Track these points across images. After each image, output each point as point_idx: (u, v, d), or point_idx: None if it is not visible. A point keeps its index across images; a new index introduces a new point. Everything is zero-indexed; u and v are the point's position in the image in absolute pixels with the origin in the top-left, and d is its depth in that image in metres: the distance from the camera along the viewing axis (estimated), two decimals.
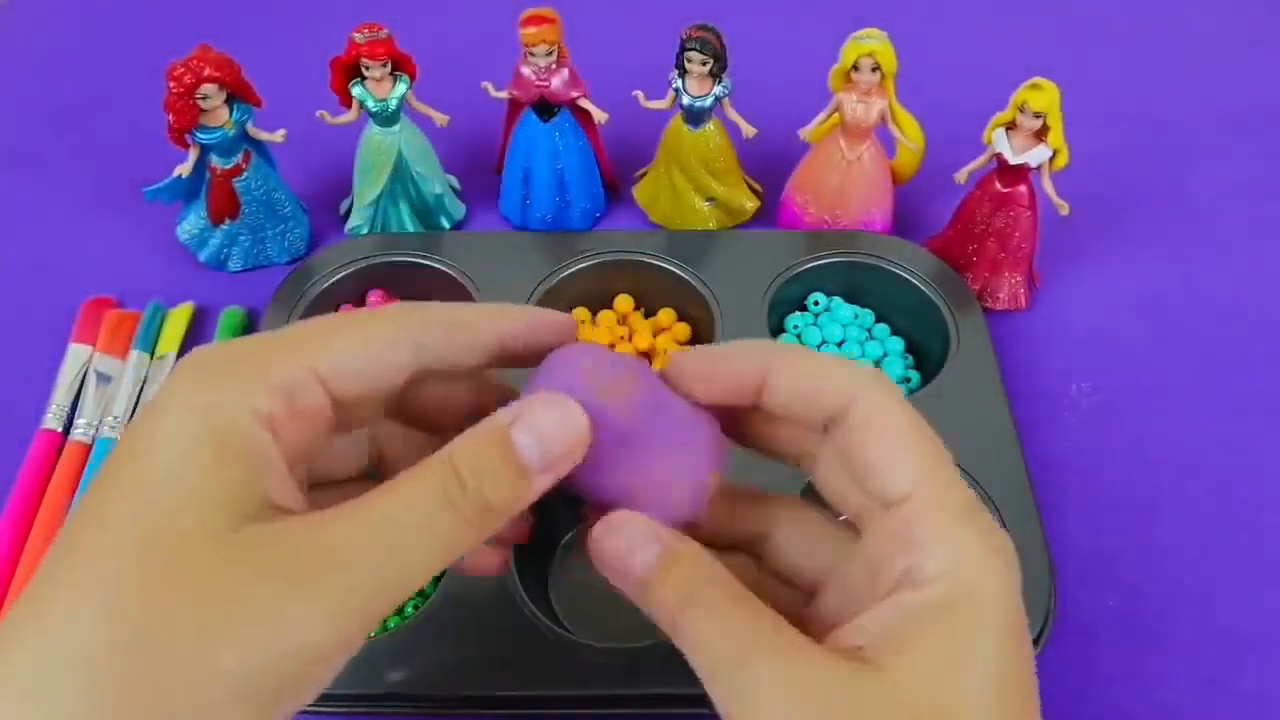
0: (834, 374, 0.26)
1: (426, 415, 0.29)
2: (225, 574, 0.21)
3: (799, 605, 0.27)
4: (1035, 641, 0.43)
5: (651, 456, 0.26)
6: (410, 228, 0.61)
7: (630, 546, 0.25)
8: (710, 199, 0.62)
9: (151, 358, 0.56)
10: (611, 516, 0.26)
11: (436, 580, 0.46)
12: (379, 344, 0.25)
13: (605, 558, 0.25)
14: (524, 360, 0.28)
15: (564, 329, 0.28)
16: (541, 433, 0.24)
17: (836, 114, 0.57)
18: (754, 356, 0.27)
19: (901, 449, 0.25)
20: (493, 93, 0.59)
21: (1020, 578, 0.24)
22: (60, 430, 0.52)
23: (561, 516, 0.50)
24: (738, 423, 0.28)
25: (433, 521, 0.22)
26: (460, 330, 0.26)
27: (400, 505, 0.23)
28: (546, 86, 0.57)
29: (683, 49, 0.55)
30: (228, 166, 0.57)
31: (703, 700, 0.43)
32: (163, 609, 0.20)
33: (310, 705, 0.44)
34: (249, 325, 0.58)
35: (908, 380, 0.55)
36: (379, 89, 0.57)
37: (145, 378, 0.55)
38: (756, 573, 0.29)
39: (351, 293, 0.57)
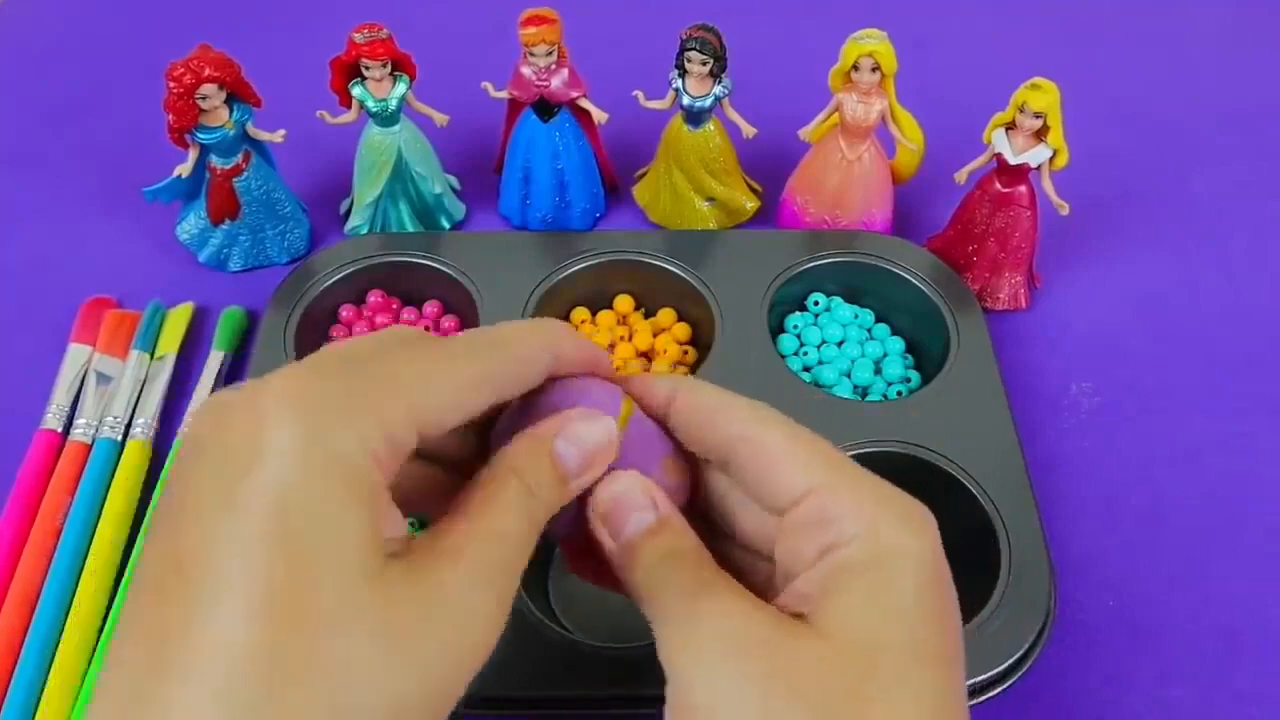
0: (730, 405, 0.29)
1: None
2: (384, 614, 0.21)
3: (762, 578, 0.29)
4: (1035, 641, 0.43)
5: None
6: (410, 228, 0.61)
7: (630, 504, 0.27)
8: (710, 199, 0.62)
9: (151, 358, 0.56)
10: (619, 473, 0.28)
11: None
12: (470, 387, 0.25)
13: (604, 508, 0.28)
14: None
15: (599, 360, 0.30)
16: (582, 444, 0.27)
17: (836, 114, 0.57)
18: (664, 385, 0.29)
19: (795, 453, 0.27)
20: (493, 93, 0.59)
21: (939, 537, 0.26)
22: (60, 430, 0.52)
23: (561, 517, 0.50)
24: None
25: (528, 531, 0.26)
26: (526, 365, 0.27)
27: (503, 519, 0.25)
28: (546, 86, 0.57)
29: (683, 49, 0.55)
30: (228, 166, 0.57)
31: None
32: (313, 643, 0.20)
33: None
34: (249, 325, 0.58)
35: (907, 380, 0.55)
36: (379, 89, 0.57)
37: (145, 378, 0.55)
38: (725, 544, 0.30)
39: (351, 293, 0.57)
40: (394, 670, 0.21)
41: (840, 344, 0.56)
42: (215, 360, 0.55)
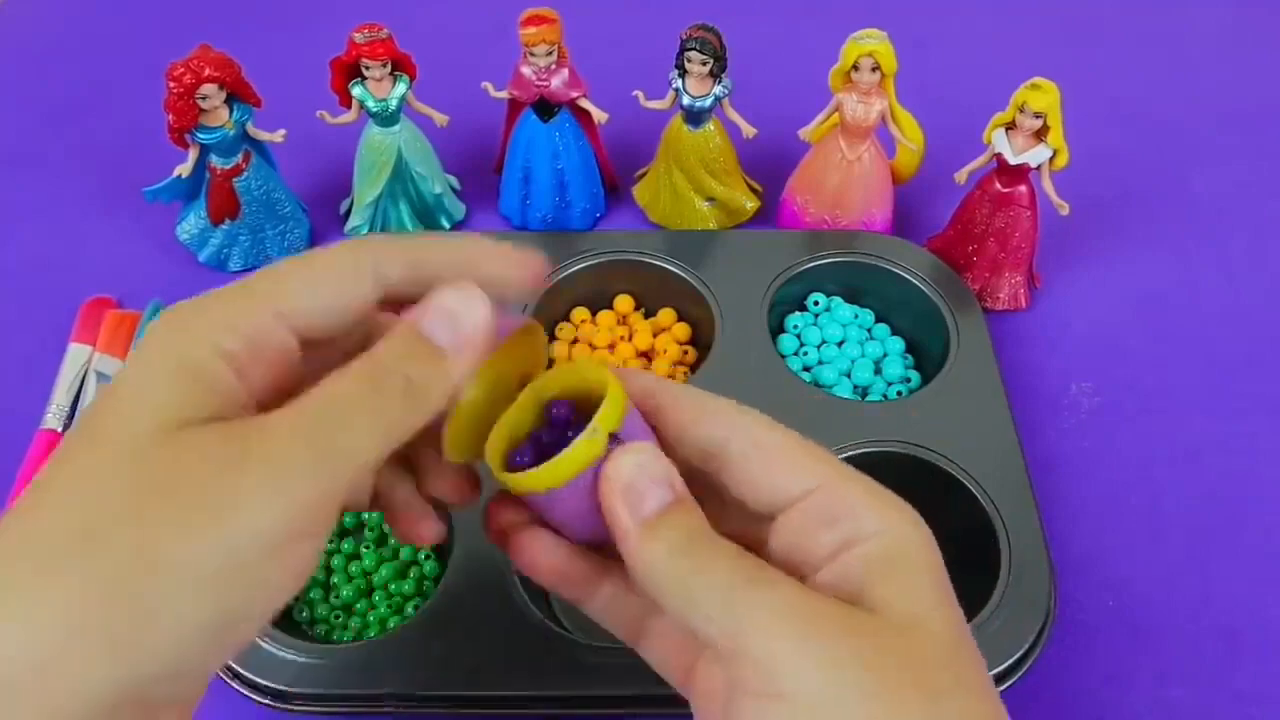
0: (717, 403, 0.28)
1: None
2: (170, 466, 0.22)
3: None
4: (1035, 641, 0.43)
5: None
6: (410, 228, 0.61)
7: (649, 483, 0.26)
8: (710, 199, 0.62)
9: None
10: (638, 443, 0.26)
11: (436, 580, 0.46)
12: (339, 278, 0.26)
13: (628, 477, 0.26)
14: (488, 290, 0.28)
15: (521, 265, 0.28)
16: (451, 314, 0.26)
17: (836, 114, 0.57)
18: (648, 380, 0.29)
19: (793, 453, 0.27)
20: (493, 93, 0.59)
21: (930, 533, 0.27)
22: (60, 430, 0.52)
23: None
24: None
25: (364, 401, 0.24)
26: (419, 266, 0.27)
27: (331, 392, 0.24)
28: (546, 86, 0.57)
29: (683, 49, 0.55)
30: (228, 166, 0.57)
31: None
32: (110, 503, 0.21)
33: (311, 706, 0.44)
34: None
35: (907, 380, 0.55)
36: (379, 89, 0.57)
37: None
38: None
39: None
40: (149, 528, 0.21)
41: (840, 344, 0.56)
42: None
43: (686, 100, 0.57)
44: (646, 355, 0.56)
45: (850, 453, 0.48)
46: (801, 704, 0.23)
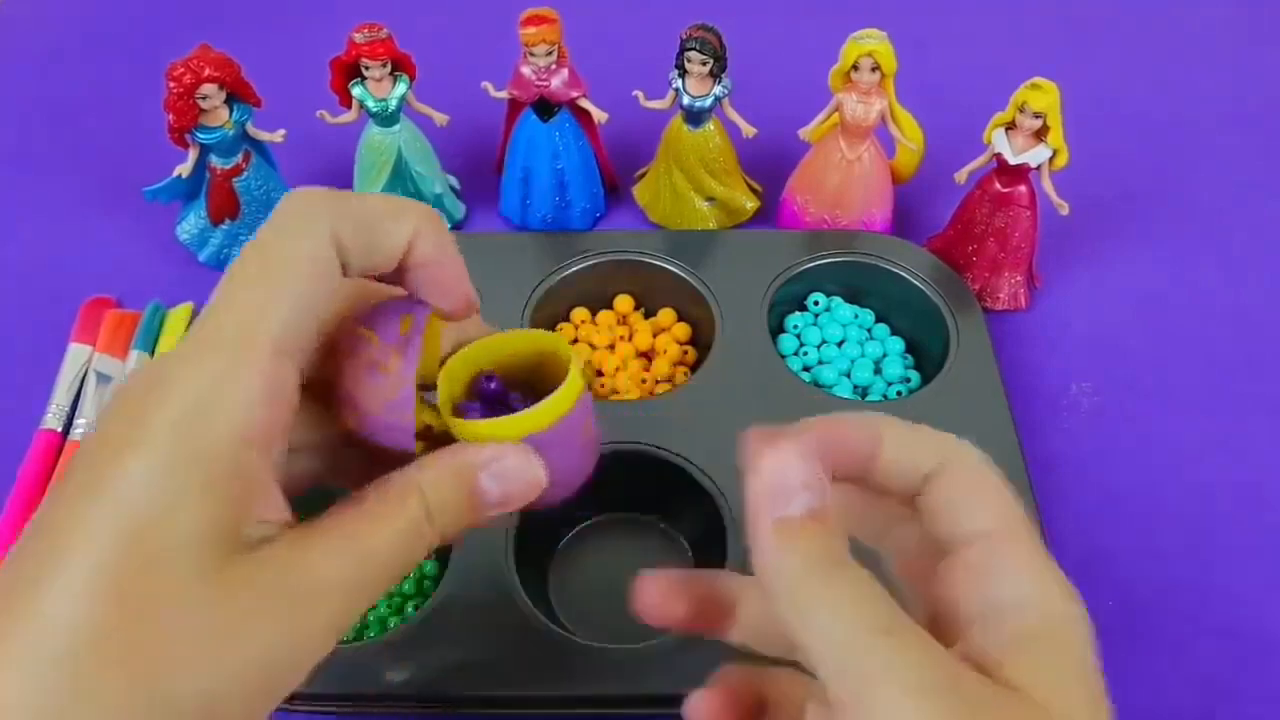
0: (932, 440, 0.26)
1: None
2: (213, 614, 0.21)
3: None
4: None
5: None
6: None
7: (796, 482, 0.24)
8: (710, 199, 0.62)
9: (151, 358, 0.56)
10: (786, 442, 0.25)
11: (436, 580, 0.46)
12: (312, 282, 0.24)
13: (772, 479, 0.24)
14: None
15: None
16: (508, 484, 0.25)
17: (836, 114, 0.57)
18: (866, 427, 0.26)
19: (986, 493, 0.26)
20: (493, 93, 0.59)
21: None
22: (60, 430, 0.52)
23: (560, 518, 0.50)
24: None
25: (406, 553, 0.24)
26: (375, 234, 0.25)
27: (379, 538, 0.24)
28: (546, 86, 0.57)
29: (683, 49, 0.55)
30: (228, 166, 0.57)
31: None
32: (136, 638, 0.21)
33: (311, 706, 0.44)
34: None
35: (907, 380, 0.55)
36: (379, 89, 0.57)
37: None
38: None
39: None
40: (215, 667, 0.21)
41: (840, 344, 0.56)
42: None
43: (686, 100, 0.57)
44: (646, 355, 0.56)
45: None
46: None
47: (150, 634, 0.21)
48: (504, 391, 0.28)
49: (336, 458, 0.28)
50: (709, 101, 0.57)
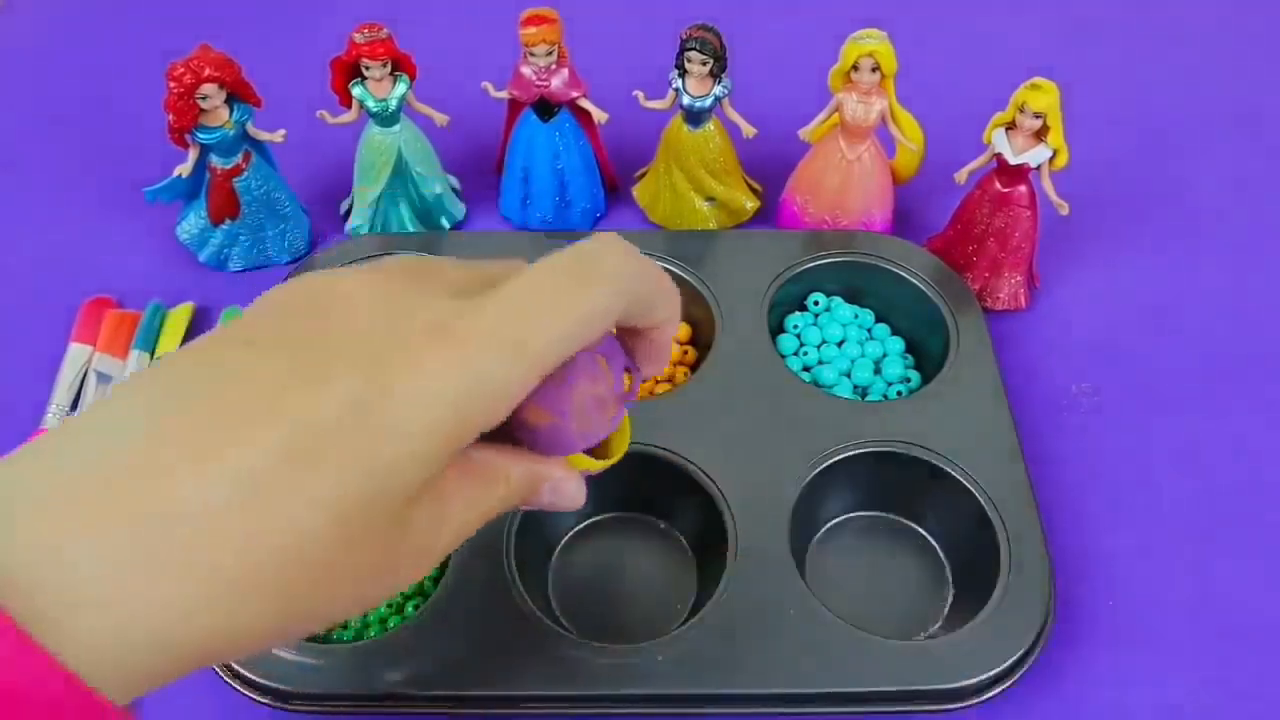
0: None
1: None
2: (383, 536, 0.25)
3: None
4: (1035, 641, 0.43)
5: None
6: (410, 228, 0.61)
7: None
8: (710, 199, 0.62)
9: (151, 358, 0.56)
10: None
11: (436, 580, 0.46)
12: (590, 329, 0.28)
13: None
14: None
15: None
16: (558, 498, 0.31)
17: (836, 114, 0.57)
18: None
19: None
20: (493, 93, 0.59)
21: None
22: None
23: (561, 517, 0.50)
24: None
25: (481, 522, 0.29)
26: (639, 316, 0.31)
27: (476, 511, 0.29)
28: (546, 86, 0.57)
29: (683, 49, 0.55)
30: (228, 166, 0.57)
31: (703, 700, 0.43)
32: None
33: (311, 706, 0.44)
34: None
35: (907, 380, 0.55)
36: (379, 89, 0.57)
37: None
38: None
39: None
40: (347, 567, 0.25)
41: (840, 344, 0.56)
42: None
43: (686, 100, 0.57)
44: None
45: (850, 453, 0.48)
46: None
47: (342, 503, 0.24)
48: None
49: None
50: (709, 101, 0.57)
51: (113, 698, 0.21)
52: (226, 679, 0.42)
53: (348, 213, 0.63)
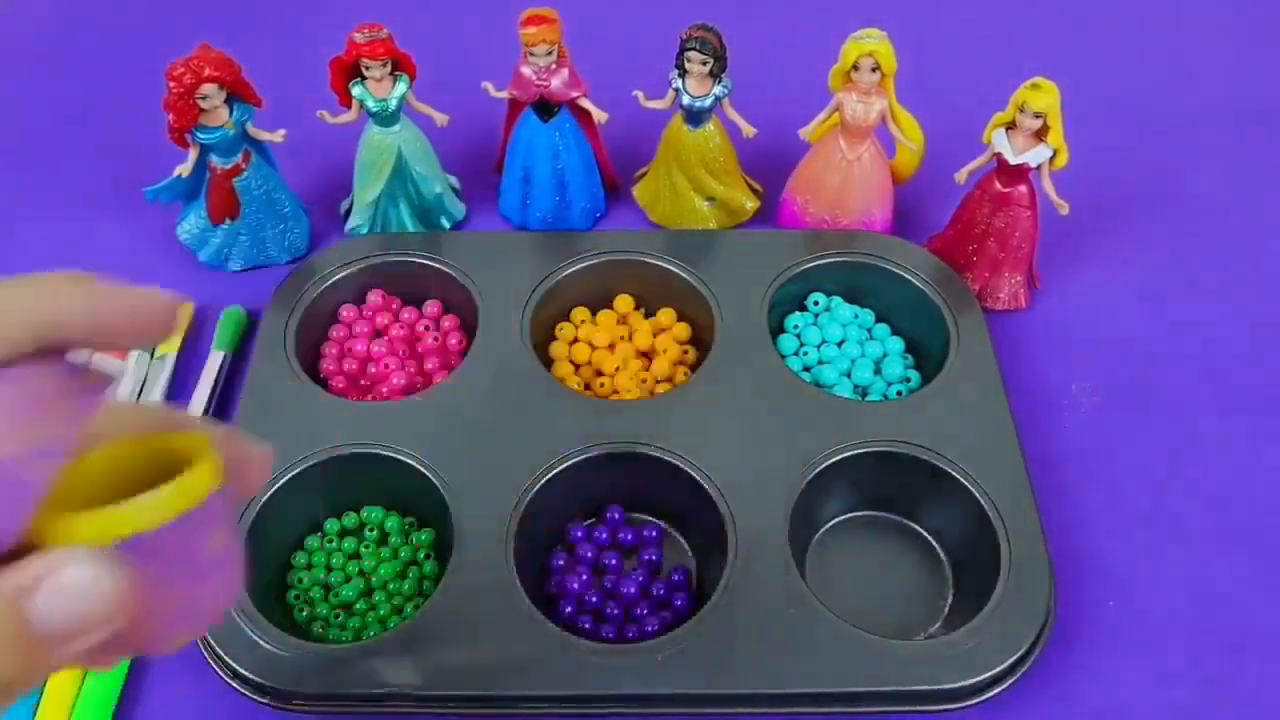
0: None
1: None
2: None
3: None
4: (1035, 641, 0.43)
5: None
6: (410, 227, 0.61)
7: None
8: (710, 199, 0.62)
9: (151, 358, 0.56)
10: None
11: (436, 580, 0.46)
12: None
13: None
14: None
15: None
16: (70, 598, 0.20)
17: (836, 114, 0.57)
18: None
19: None
20: (493, 93, 0.59)
21: None
22: None
23: (561, 517, 0.50)
24: None
25: None
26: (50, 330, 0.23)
27: None
28: (546, 86, 0.57)
29: (683, 49, 0.55)
30: (228, 166, 0.57)
31: (702, 700, 0.43)
32: None
33: (311, 705, 0.44)
34: (249, 325, 0.58)
35: (907, 380, 0.55)
36: (379, 89, 0.57)
37: (145, 378, 0.55)
38: None
39: (352, 292, 0.57)
40: None
41: (840, 344, 0.56)
42: (215, 360, 0.55)
43: (686, 100, 0.57)
44: (646, 355, 0.56)
45: (850, 453, 0.48)
46: None
47: None
48: None
49: None
50: (709, 101, 0.57)
51: None
52: (227, 679, 0.42)
53: (348, 212, 0.63)
